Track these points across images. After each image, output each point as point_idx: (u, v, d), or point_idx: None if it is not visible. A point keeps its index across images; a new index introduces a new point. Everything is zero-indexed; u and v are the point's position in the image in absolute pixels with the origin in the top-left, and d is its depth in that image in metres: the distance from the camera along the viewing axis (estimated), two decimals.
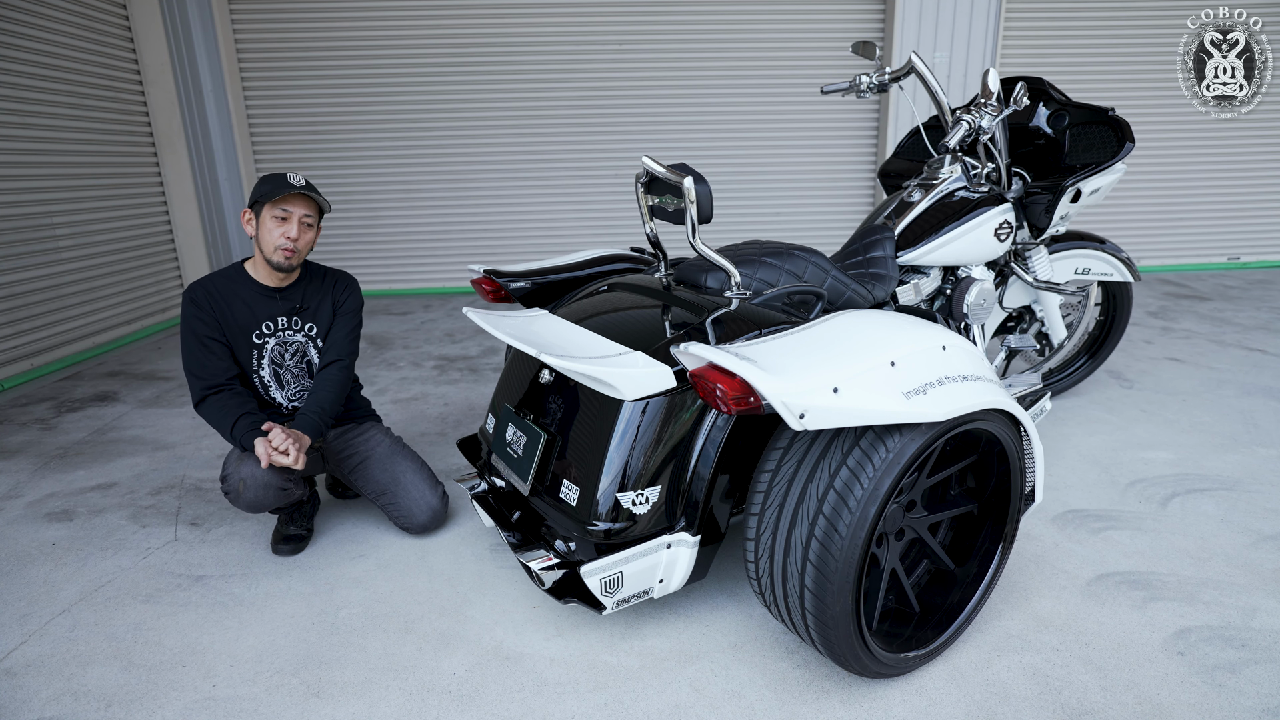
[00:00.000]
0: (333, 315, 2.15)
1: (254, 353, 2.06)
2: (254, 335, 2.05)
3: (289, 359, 2.11)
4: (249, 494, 1.90)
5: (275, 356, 2.09)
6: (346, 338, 2.14)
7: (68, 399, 3.54)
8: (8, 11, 3.86)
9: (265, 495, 1.92)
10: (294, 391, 2.14)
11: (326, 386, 2.07)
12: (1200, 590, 1.83)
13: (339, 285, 2.18)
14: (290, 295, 2.09)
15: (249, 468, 1.89)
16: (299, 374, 2.14)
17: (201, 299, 1.99)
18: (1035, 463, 1.63)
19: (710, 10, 5.51)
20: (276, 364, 2.10)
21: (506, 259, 5.84)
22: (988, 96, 2.28)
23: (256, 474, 1.88)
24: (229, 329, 2.02)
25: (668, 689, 1.55)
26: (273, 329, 2.07)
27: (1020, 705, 1.48)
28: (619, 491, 1.52)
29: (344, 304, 2.17)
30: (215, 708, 1.53)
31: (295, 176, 2.00)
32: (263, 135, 5.54)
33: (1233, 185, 6.10)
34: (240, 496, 1.91)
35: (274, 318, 2.07)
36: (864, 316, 1.51)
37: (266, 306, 2.06)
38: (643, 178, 1.86)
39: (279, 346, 2.09)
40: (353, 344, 2.15)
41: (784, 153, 5.85)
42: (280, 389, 2.12)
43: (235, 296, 2.03)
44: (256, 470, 1.88)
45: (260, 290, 2.06)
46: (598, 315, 1.81)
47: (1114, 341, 3.12)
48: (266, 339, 2.07)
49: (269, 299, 2.06)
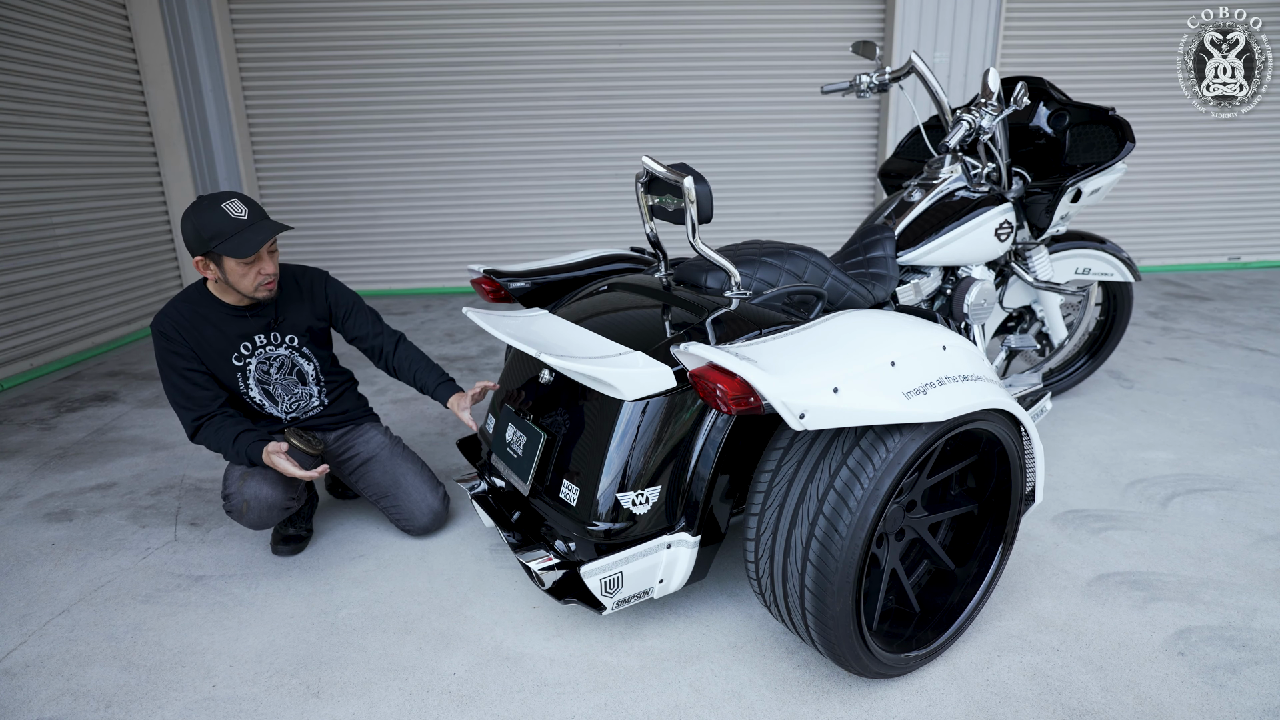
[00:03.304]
0: (313, 320, 2.07)
1: (237, 375, 1.97)
2: (232, 358, 1.95)
3: (276, 374, 2.03)
4: (253, 514, 1.89)
5: (260, 375, 2.00)
6: (374, 325, 2.14)
7: (67, 399, 3.54)
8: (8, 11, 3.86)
9: (270, 515, 1.91)
10: (289, 405, 2.08)
11: (419, 357, 2.14)
12: (1201, 590, 1.83)
13: (315, 290, 2.08)
14: (263, 311, 1.98)
15: (252, 488, 1.87)
16: (291, 385, 2.07)
17: (171, 331, 1.88)
18: (1035, 463, 1.63)
19: (710, 10, 5.51)
20: (264, 382, 2.02)
21: (506, 259, 5.84)
22: (988, 96, 2.28)
23: (261, 494, 1.87)
24: (205, 357, 1.92)
25: (668, 689, 1.55)
26: (251, 349, 1.97)
27: (1020, 705, 1.48)
28: (619, 491, 1.52)
29: (337, 307, 2.10)
30: (215, 708, 1.53)
31: (235, 207, 1.78)
32: (263, 135, 5.54)
33: (1233, 185, 6.10)
34: (244, 516, 1.90)
35: (250, 336, 1.96)
36: (864, 316, 1.51)
37: (239, 326, 1.95)
38: (643, 178, 1.86)
39: (263, 364, 2.00)
40: (381, 322, 2.17)
41: (784, 153, 5.85)
42: (274, 404, 2.06)
43: (204, 321, 1.91)
44: (260, 490, 1.87)
45: (229, 311, 1.94)
46: (598, 315, 1.81)
47: (1114, 341, 3.12)
48: (247, 359, 1.97)
49: (240, 319, 1.95)
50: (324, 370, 2.14)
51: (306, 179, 5.62)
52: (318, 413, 2.14)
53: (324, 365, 2.14)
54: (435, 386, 2.10)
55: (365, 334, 2.14)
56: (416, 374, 2.13)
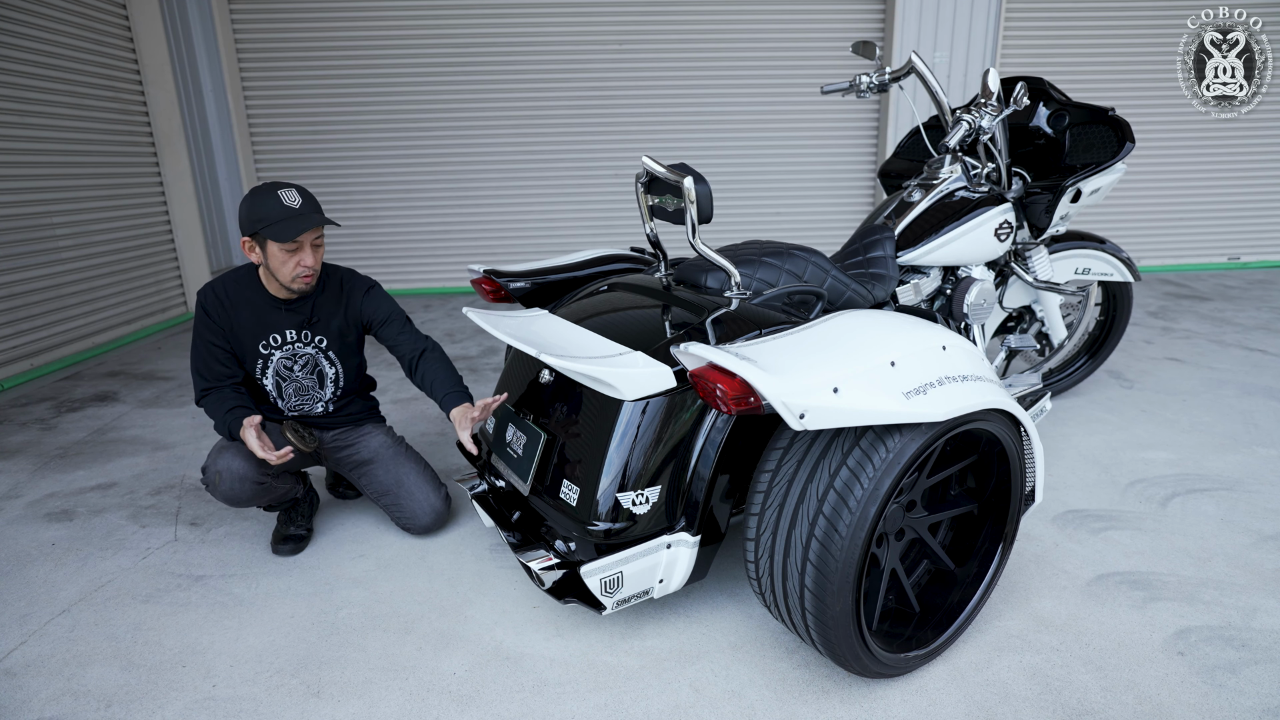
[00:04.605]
0: (345, 326, 2.08)
1: (259, 362, 2.03)
2: (260, 345, 2.01)
3: (299, 371, 2.07)
4: (224, 485, 1.91)
5: (282, 369, 2.05)
6: (409, 334, 2.08)
7: (68, 399, 3.54)
8: (8, 11, 3.86)
9: (241, 488, 1.91)
10: (293, 404, 2.10)
11: (440, 367, 2.03)
12: (1200, 590, 1.83)
13: (352, 297, 2.09)
14: (299, 308, 2.03)
15: (225, 460, 1.89)
16: (307, 386, 2.09)
17: (211, 305, 1.96)
18: (1035, 463, 1.63)
19: (710, 10, 5.51)
20: (281, 376, 2.06)
21: (506, 259, 5.84)
22: (988, 96, 2.28)
23: (232, 467, 1.89)
24: (235, 336, 1.99)
25: (668, 689, 1.55)
26: (280, 341, 2.03)
27: (1020, 705, 1.48)
28: (619, 491, 1.52)
29: (374, 316, 2.08)
30: (215, 708, 1.53)
31: (290, 195, 1.85)
32: (263, 135, 5.54)
33: (1233, 185, 6.10)
34: (216, 488, 1.92)
35: (282, 330, 2.02)
36: (864, 316, 1.51)
37: (274, 318, 2.01)
38: (643, 178, 1.86)
39: (287, 359, 2.05)
40: (415, 331, 2.11)
41: (784, 153, 5.85)
42: (281, 400, 2.09)
43: (246, 303, 1.99)
44: (233, 463, 1.89)
45: (270, 301, 2.01)
46: (598, 315, 1.81)
47: (1114, 341, 3.12)
48: (273, 350, 2.03)
49: (276, 310, 2.01)
50: (345, 379, 2.13)
51: (307, 179, 5.62)
52: (321, 412, 2.15)
53: (347, 374, 2.13)
54: (444, 396, 1.99)
55: (398, 343, 2.10)
56: (433, 384, 2.03)
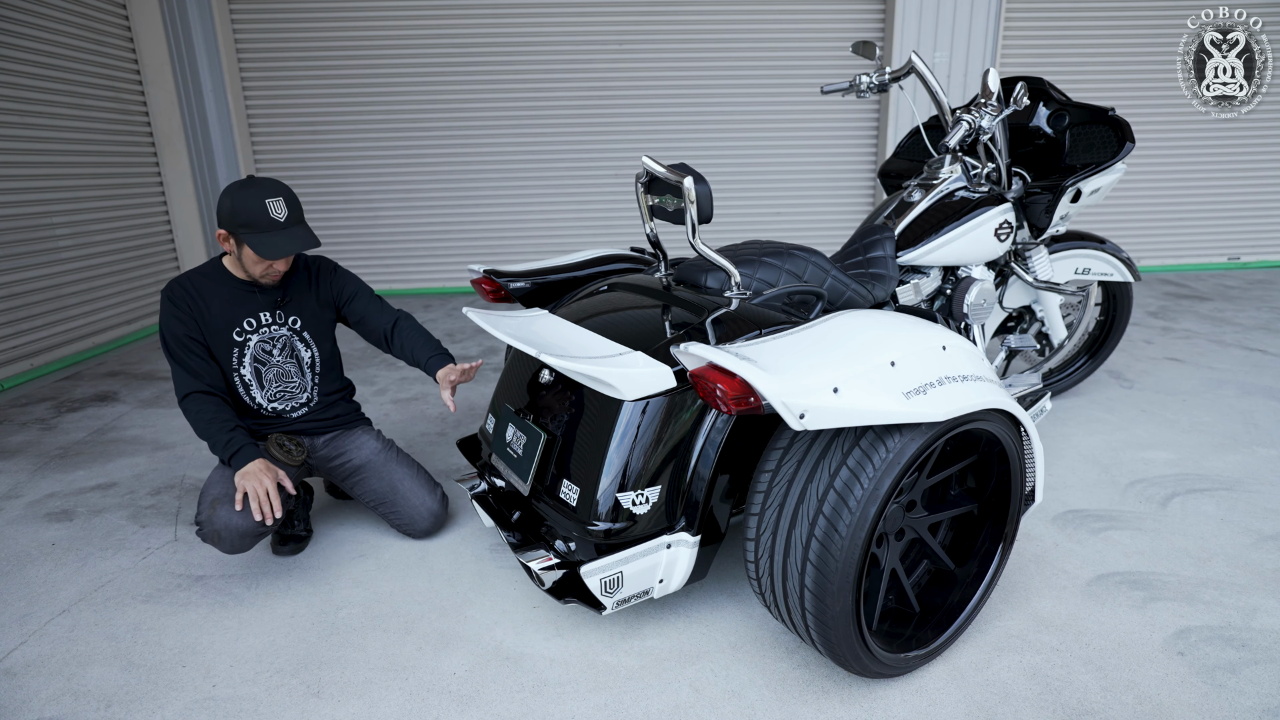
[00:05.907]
0: (317, 304, 2.12)
1: (234, 351, 2.00)
2: (234, 333, 1.99)
3: (277, 355, 2.06)
4: (227, 543, 1.84)
5: (259, 354, 2.04)
6: (377, 305, 2.17)
7: (68, 399, 3.54)
8: (8, 11, 3.86)
9: (244, 542, 1.85)
10: (274, 391, 2.07)
11: (417, 333, 2.15)
12: (1200, 590, 1.83)
13: (321, 278, 2.14)
14: (270, 289, 2.04)
15: (223, 516, 1.81)
16: (288, 371, 2.08)
17: (179, 297, 1.95)
18: (1035, 463, 1.63)
19: (710, 10, 5.51)
20: (260, 362, 2.04)
21: (506, 259, 5.84)
22: (988, 96, 2.28)
23: (232, 524, 1.81)
24: (206, 328, 1.97)
25: (668, 689, 1.55)
26: (255, 325, 2.02)
27: (1020, 705, 1.48)
28: (619, 491, 1.52)
29: (342, 292, 2.15)
30: (215, 708, 1.53)
31: (277, 206, 1.86)
32: (263, 135, 5.54)
33: (1233, 185, 6.10)
34: (218, 543, 1.85)
35: (255, 314, 2.02)
36: (864, 316, 1.51)
37: (246, 302, 2.01)
38: (643, 178, 1.86)
39: (264, 343, 2.04)
40: (384, 303, 2.19)
41: (784, 153, 5.85)
42: (260, 389, 2.06)
43: (214, 295, 1.98)
44: (232, 520, 1.81)
45: (239, 286, 2.01)
46: (598, 315, 1.81)
47: (1114, 341, 3.12)
48: (249, 335, 2.02)
49: (248, 294, 2.01)
50: (321, 364, 2.13)
51: (306, 179, 5.62)
52: (303, 414, 2.11)
53: (323, 358, 2.13)
54: (427, 359, 2.10)
55: (366, 315, 2.16)
56: (414, 350, 2.13)
